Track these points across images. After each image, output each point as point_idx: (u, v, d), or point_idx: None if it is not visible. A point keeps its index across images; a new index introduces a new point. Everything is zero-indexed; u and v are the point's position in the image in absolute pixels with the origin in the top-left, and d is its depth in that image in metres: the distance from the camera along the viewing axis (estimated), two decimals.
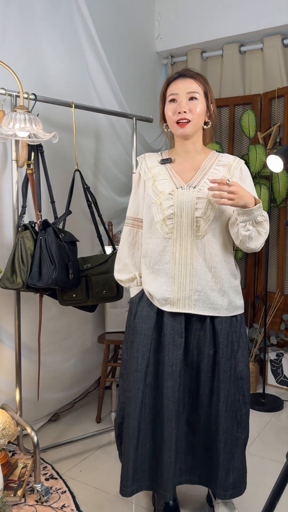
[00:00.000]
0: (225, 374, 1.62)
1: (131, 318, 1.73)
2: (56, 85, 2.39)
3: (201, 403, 1.66)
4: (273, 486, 1.30)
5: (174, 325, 1.63)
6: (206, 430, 1.68)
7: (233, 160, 1.70)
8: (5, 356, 2.25)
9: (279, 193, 2.91)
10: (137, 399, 1.64)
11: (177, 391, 1.62)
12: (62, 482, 2.06)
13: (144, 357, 1.64)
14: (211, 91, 1.69)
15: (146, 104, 3.49)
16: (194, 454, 1.71)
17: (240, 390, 1.67)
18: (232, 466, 1.65)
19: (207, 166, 1.68)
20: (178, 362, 1.62)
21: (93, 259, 2.28)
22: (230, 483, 1.65)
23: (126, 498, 1.94)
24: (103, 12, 2.93)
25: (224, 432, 1.63)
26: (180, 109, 1.60)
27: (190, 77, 1.63)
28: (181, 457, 1.70)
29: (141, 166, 1.76)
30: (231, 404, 1.64)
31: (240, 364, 1.67)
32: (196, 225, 1.61)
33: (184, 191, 1.63)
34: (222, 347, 1.62)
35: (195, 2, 3.36)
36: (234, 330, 1.66)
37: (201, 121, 1.66)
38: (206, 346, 1.63)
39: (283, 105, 3.12)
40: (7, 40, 2.14)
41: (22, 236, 1.99)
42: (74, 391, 2.76)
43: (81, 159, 2.51)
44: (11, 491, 1.92)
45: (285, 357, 3.10)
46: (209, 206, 1.60)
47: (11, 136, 1.85)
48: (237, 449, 1.67)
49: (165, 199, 1.63)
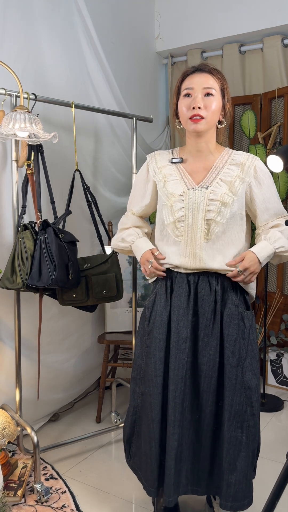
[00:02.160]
0: (230, 382, 1.57)
1: (145, 323, 1.70)
2: (56, 85, 2.39)
3: (206, 411, 1.62)
4: (273, 486, 1.30)
5: (179, 329, 1.60)
6: (212, 439, 1.64)
7: (247, 158, 1.62)
8: (5, 356, 2.24)
9: (279, 193, 2.91)
10: (159, 404, 1.62)
11: (179, 396, 1.58)
12: (62, 482, 2.06)
13: (161, 362, 1.62)
14: (228, 88, 1.61)
15: (146, 104, 3.49)
16: (200, 463, 1.66)
17: (248, 400, 1.59)
18: (233, 478, 1.59)
19: (220, 166, 1.62)
20: (180, 367, 1.59)
21: (93, 259, 2.27)
22: (231, 495, 1.59)
23: (126, 498, 1.95)
24: (102, 12, 2.93)
25: (227, 442, 1.58)
26: (194, 104, 1.53)
27: (207, 71, 1.55)
28: (188, 466, 1.65)
29: (150, 164, 1.70)
30: (235, 413, 1.58)
31: (248, 373, 1.59)
32: (206, 228, 1.57)
33: (196, 192, 1.58)
34: (228, 353, 1.58)
35: (195, 2, 3.36)
36: (242, 336, 1.60)
37: (216, 119, 1.59)
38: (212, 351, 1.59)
39: (283, 105, 3.12)
40: (7, 40, 2.14)
41: (22, 236, 1.99)
42: (74, 391, 2.76)
43: (80, 159, 2.51)
44: (11, 491, 1.92)
45: (285, 357, 3.10)
46: (222, 208, 1.56)
47: (11, 136, 1.85)
48: (240, 461, 1.59)
49: (176, 201, 1.60)
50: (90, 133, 2.65)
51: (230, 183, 1.58)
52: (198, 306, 1.60)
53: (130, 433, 1.77)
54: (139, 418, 1.73)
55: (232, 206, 1.57)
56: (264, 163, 2.97)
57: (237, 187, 1.58)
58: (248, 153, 1.64)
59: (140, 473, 1.75)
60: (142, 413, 1.70)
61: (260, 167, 1.62)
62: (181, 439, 1.61)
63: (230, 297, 1.60)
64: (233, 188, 1.58)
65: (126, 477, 2.10)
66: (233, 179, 1.59)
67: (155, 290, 1.70)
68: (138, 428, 1.74)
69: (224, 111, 1.62)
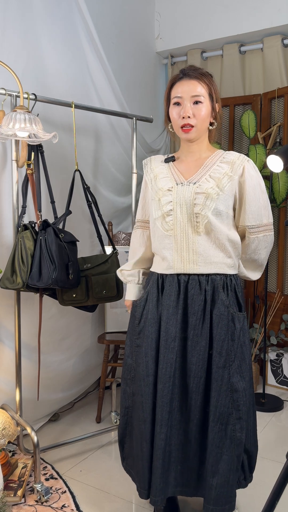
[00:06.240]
0: (216, 383, 1.57)
1: (135, 322, 1.71)
2: (56, 85, 2.39)
3: (195, 411, 1.60)
4: (273, 486, 1.30)
5: (168, 327, 1.60)
6: (200, 440, 1.63)
7: (237, 157, 1.63)
8: (5, 356, 2.25)
9: (279, 193, 2.91)
10: (151, 404, 1.62)
11: (166, 395, 1.58)
12: (62, 482, 2.06)
13: (153, 361, 1.63)
14: (217, 90, 1.64)
15: (146, 104, 3.49)
16: (189, 464, 1.65)
17: (234, 403, 1.58)
18: (215, 481, 1.58)
19: (210, 163, 1.65)
20: (168, 366, 1.58)
21: (93, 259, 2.28)
22: (212, 498, 1.59)
23: (126, 498, 1.95)
24: (103, 12, 2.93)
25: (210, 444, 1.58)
26: (184, 113, 1.58)
27: (194, 78, 1.59)
28: (177, 467, 1.63)
29: (145, 167, 1.76)
30: (219, 415, 1.57)
31: (236, 375, 1.58)
32: (196, 221, 1.58)
33: (184, 187, 1.61)
34: (215, 354, 1.57)
35: (195, 2, 3.36)
36: (232, 338, 1.59)
37: (206, 124, 1.64)
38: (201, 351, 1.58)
39: (283, 105, 3.12)
40: (7, 40, 2.14)
41: (22, 236, 1.99)
42: (74, 391, 2.76)
43: (80, 159, 2.51)
44: (11, 491, 1.92)
45: (285, 357, 3.10)
46: (206, 201, 1.56)
47: (11, 136, 1.85)
48: (222, 464, 1.57)
49: (163, 196, 1.62)
50: (91, 133, 2.65)
51: (218, 179, 1.60)
52: (188, 305, 1.60)
53: (123, 434, 1.77)
54: (131, 419, 1.73)
55: (218, 201, 1.57)
56: (264, 163, 2.96)
57: (224, 184, 1.59)
58: (240, 154, 1.66)
59: (133, 474, 1.74)
60: (134, 414, 1.70)
61: (250, 169, 1.62)
62: (169, 439, 1.60)
63: (220, 297, 1.59)
64: (220, 184, 1.59)
65: (126, 477, 2.10)
66: (222, 176, 1.60)
67: (147, 289, 1.71)
68: (130, 429, 1.74)
69: (215, 113, 1.65)
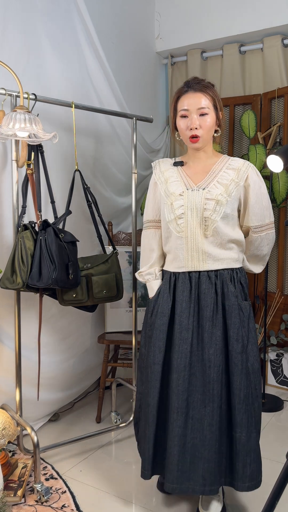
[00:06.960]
0: (237, 367, 1.70)
1: (148, 315, 1.84)
2: (56, 85, 2.39)
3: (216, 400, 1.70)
4: (273, 486, 1.30)
5: (182, 320, 1.73)
6: (219, 425, 1.71)
7: (243, 164, 1.78)
8: (5, 356, 2.25)
9: (279, 193, 2.91)
10: (156, 390, 1.75)
11: (182, 384, 1.69)
12: (62, 482, 2.06)
13: (160, 351, 1.76)
14: (219, 99, 1.78)
15: (146, 104, 3.49)
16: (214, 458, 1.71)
17: (252, 384, 1.73)
18: (249, 459, 1.71)
19: (217, 169, 1.78)
20: (183, 356, 1.70)
21: (93, 259, 2.28)
22: (247, 475, 1.71)
23: (126, 498, 1.95)
24: (103, 12, 2.93)
25: (239, 425, 1.70)
26: (191, 125, 1.71)
27: (199, 91, 1.72)
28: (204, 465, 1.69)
29: (155, 169, 1.88)
30: (244, 397, 1.70)
31: (251, 358, 1.74)
32: (205, 224, 1.72)
33: (194, 192, 1.74)
34: (233, 341, 1.71)
35: (195, 2, 3.36)
36: (243, 325, 1.74)
37: (211, 133, 1.77)
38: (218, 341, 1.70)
39: (283, 105, 3.12)
40: (7, 40, 2.14)
41: (22, 236, 1.99)
42: (74, 391, 2.76)
43: (81, 159, 2.51)
44: (11, 491, 1.92)
45: (285, 357, 3.10)
46: (217, 207, 1.71)
47: (11, 136, 1.85)
48: (252, 441, 1.72)
49: (176, 200, 1.75)
50: (91, 133, 2.65)
51: (226, 185, 1.74)
52: (200, 299, 1.74)
53: (137, 418, 1.93)
54: (142, 404, 1.87)
55: (226, 206, 1.72)
56: (264, 163, 2.97)
57: (231, 190, 1.74)
58: (244, 160, 1.81)
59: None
60: (144, 399, 1.84)
61: (253, 176, 1.77)
62: (184, 429, 1.70)
63: (229, 289, 1.74)
64: (228, 190, 1.74)
65: (126, 477, 2.10)
66: (229, 182, 1.75)
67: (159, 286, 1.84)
68: (142, 413, 1.88)
69: (219, 121, 1.80)
